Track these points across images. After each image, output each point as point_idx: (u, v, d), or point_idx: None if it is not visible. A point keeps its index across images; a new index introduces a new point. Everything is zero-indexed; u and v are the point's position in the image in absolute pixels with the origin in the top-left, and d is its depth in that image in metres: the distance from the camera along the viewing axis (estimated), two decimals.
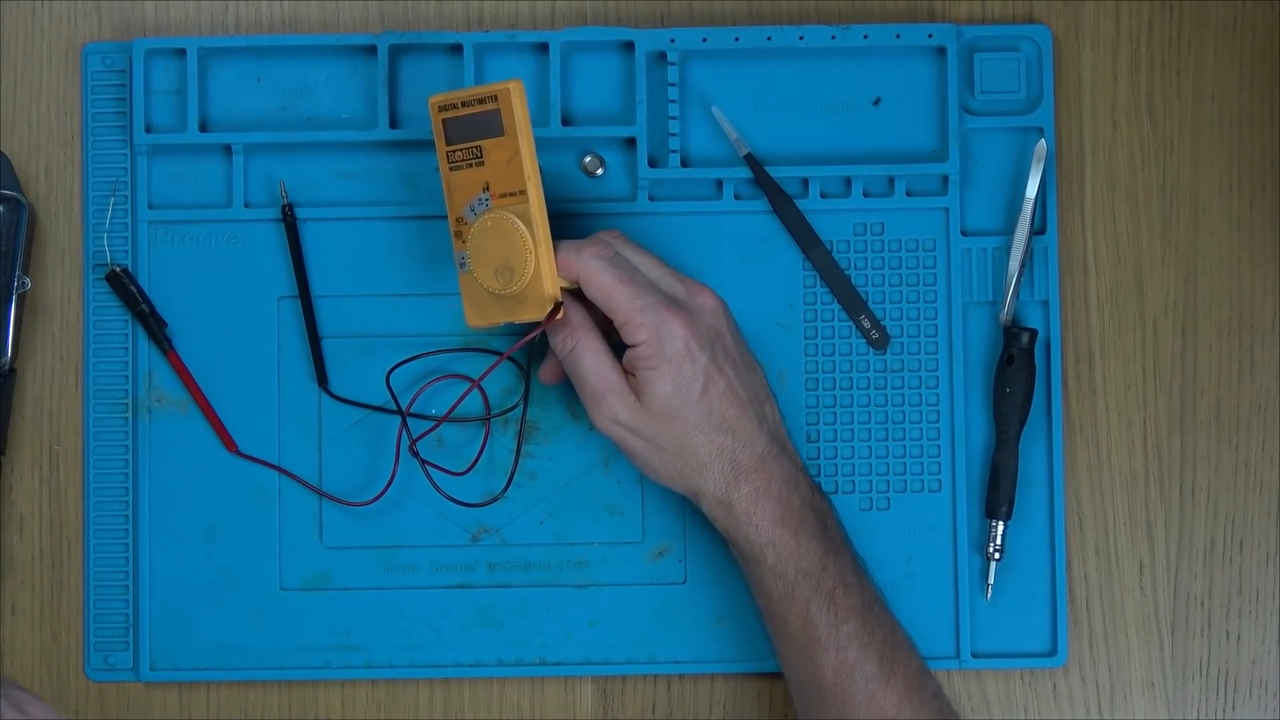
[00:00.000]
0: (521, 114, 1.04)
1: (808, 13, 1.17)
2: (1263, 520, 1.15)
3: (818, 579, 1.05)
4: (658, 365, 1.04)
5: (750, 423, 1.05)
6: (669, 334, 1.04)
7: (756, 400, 1.07)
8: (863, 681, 1.04)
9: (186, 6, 1.18)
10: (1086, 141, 1.16)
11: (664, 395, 1.04)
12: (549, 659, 1.14)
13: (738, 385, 1.06)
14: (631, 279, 1.04)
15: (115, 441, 1.15)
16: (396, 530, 1.15)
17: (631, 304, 1.03)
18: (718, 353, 1.05)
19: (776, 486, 1.05)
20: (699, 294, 1.06)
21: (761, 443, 1.05)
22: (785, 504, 1.05)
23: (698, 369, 1.04)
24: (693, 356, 1.04)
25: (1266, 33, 1.17)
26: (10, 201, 1.15)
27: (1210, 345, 1.16)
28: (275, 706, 1.15)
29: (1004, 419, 1.13)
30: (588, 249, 1.04)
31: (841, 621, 1.05)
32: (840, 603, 1.05)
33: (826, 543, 1.06)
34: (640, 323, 1.04)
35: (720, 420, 1.05)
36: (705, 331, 1.05)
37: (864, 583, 1.07)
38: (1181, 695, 1.15)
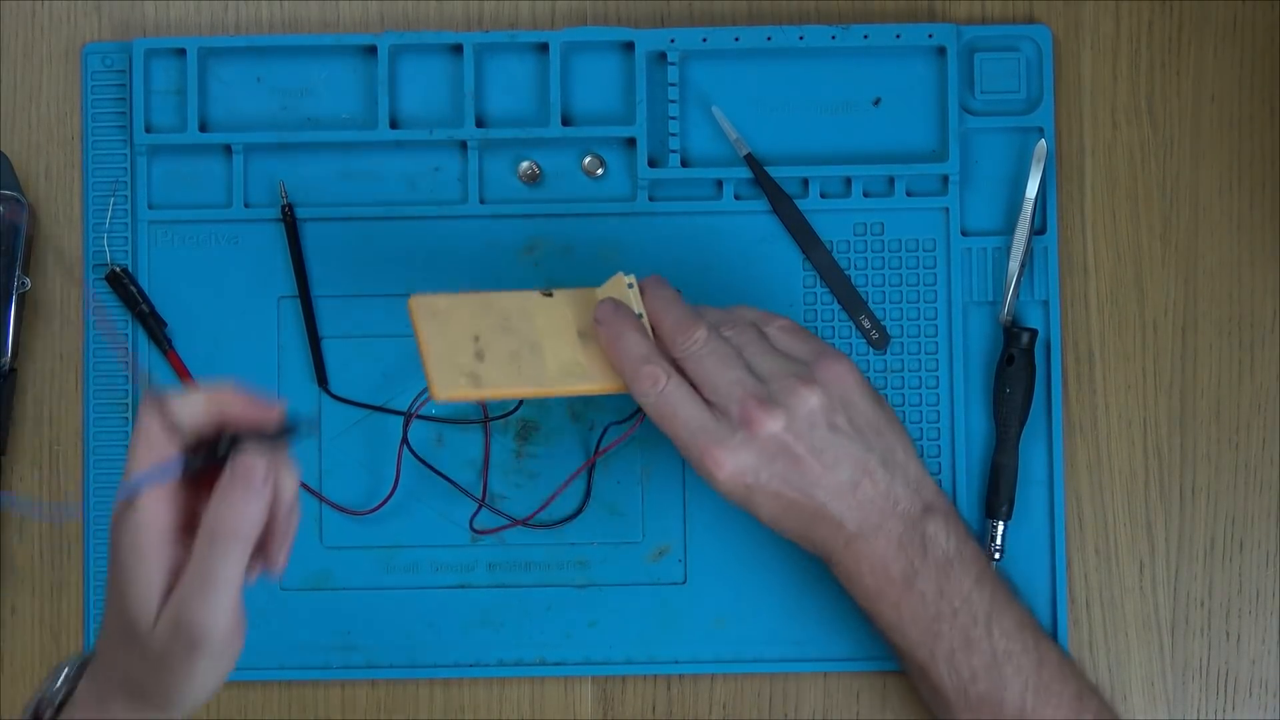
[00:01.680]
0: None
1: (808, 13, 1.17)
2: (1263, 520, 1.15)
3: (931, 646, 1.02)
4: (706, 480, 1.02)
5: (825, 522, 1.02)
6: (711, 470, 1.01)
7: (844, 489, 1.02)
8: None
9: (186, 6, 1.18)
10: (1086, 141, 1.16)
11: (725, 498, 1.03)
12: (549, 659, 1.14)
13: (804, 496, 1.01)
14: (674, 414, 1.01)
15: (115, 442, 1.15)
16: (397, 530, 1.14)
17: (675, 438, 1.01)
18: (775, 472, 1.01)
19: (869, 564, 1.02)
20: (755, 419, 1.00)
21: (848, 530, 1.02)
22: (881, 577, 1.02)
23: (750, 494, 1.02)
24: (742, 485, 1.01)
25: (1266, 33, 1.17)
26: (10, 201, 1.15)
27: (1210, 345, 1.16)
28: (275, 706, 1.15)
29: (1004, 419, 1.13)
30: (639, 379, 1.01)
31: (967, 684, 1.02)
32: (962, 664, 1.02)
33: (940, 604, 1.01)
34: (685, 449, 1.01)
35: (789, 523, 1.03)
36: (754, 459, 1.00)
37: (996, 631, 1.02)
38: (1181, 695, 1.15)
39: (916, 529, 1.02)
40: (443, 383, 1.02)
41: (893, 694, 1.15)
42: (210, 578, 0.81)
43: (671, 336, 1.02)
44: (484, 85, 1.16)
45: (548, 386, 1.05)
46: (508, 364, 1.04)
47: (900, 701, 1.15)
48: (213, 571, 0.81)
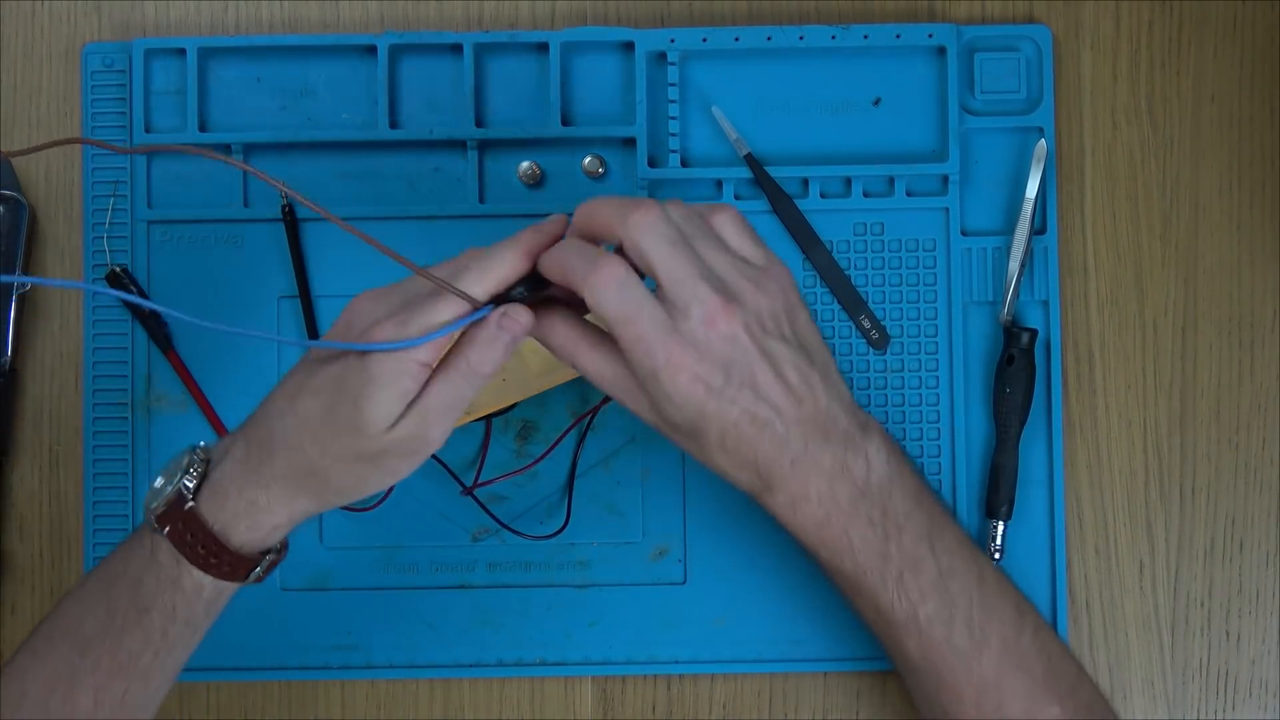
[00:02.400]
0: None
1: (807, 13, 1.18)
2: (1263, 520, 1.15)
3: (880, 570, 1.00)
4: (660, 400, 0.96)
5: (775, 437, 0.97)
6: (668, 375, 0.94)
7: (789, 403, 0.97)
8: (954, 657, 1.00)
9: (186, 6, 1.18)
10: (1086, 141, 1.17)
11: (676, 420, 0.97)
12: (549, 659, 1.15)
13: (756, 404, 0.96)
14: (633, 314, 0.94)
15: (115, 441, 1.15)
16: (397, 530, 1.15)
17: (631, 345, 0.95)
18: (733, 376, 0.95)
19: (814, 488, 0.98)
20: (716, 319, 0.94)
21: (792, 449, 0.97)
22: (827, 503, 0.99)
23: (706, 400, 0.95)
24: (698, 389, 0.95)
25: (1266, 33, 1.17)
26: (10, 201, 1.15)
27: (1210, 345, 1.16)
28: (275, 706, 1.15)
29: (1004, 419, 1.13)
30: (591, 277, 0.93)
31: (917, 605, 1.00)
32: (911, 585, 1.00)
33: (886, 525, 0.99)
34: (637, 361, 0.95)
35: (738, 440, 0.97)
36: (714, 361, 0.95)
37: (938, 546, 1.00)
38: (1181, 695, 1.15)
39: (859, 450, 0.99)
40: None
41: (893, 694, 1.15)
42: (455, 402, 0.95)
43: (621, 213, 0.95)
44: (484, 85, 1.16)
45: (533, 387, 1.10)
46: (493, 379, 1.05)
47: (900, 701, 1.15)
48: (459, 398, 0.95)
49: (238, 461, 0.97)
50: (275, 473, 0.97)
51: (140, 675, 0.99)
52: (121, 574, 0.99)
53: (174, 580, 0.98)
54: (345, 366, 0.94)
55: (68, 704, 0.98)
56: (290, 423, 0.96)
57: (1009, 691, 1.00)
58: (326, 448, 0.95)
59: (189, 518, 0.97)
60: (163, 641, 0.99)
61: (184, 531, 0.97)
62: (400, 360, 0.93)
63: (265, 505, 0.97)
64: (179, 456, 0.99)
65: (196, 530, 0.97)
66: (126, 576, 0.98)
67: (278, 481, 0.97)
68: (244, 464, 0.97)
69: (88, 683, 0.98)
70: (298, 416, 0.96)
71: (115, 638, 0.98)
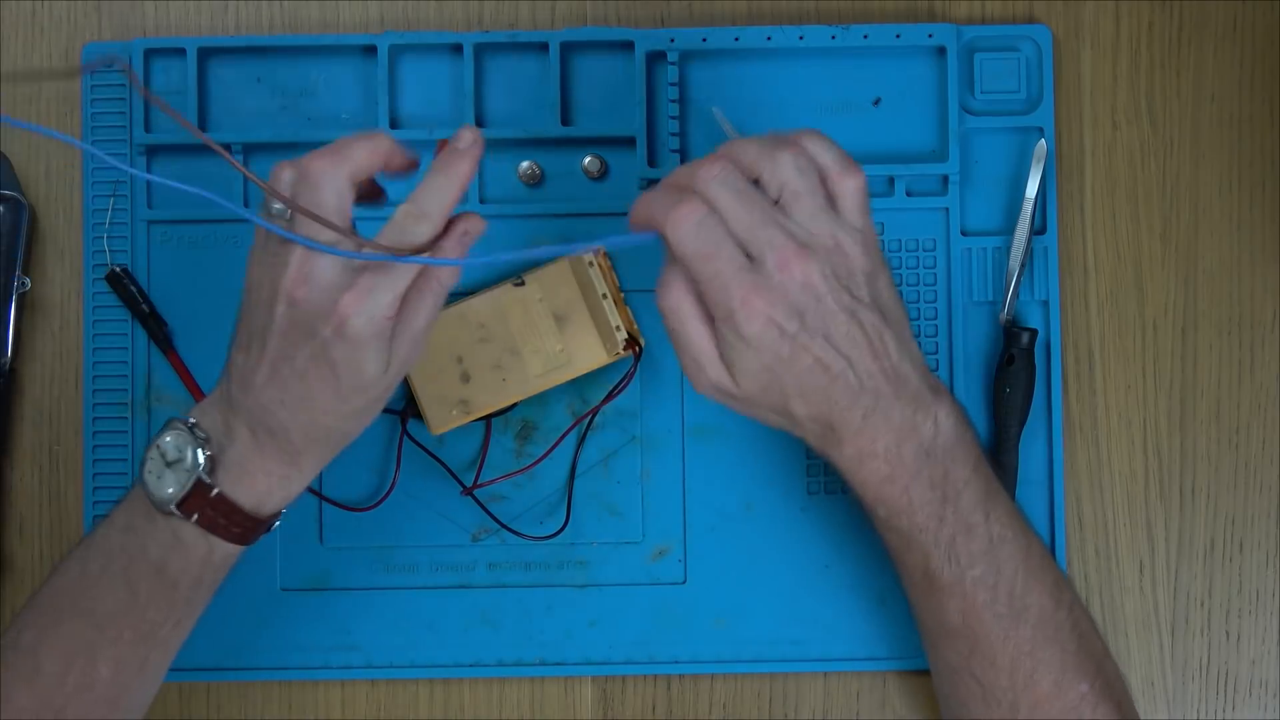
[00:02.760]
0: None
1: (807, 13, 1.18)
2: (1263, 520, 1.15)
3: (934, 531, 1.01)
4: (736, 345, 0.96)
5: (848, 388, 0.98)
6: (744, 316, 0.95)
7: (863, 355, 0.97)
8: (993, 622, 1.02)
9: (186, 7, 1.18)
10: (1086, 141, 1.17)
11: (749, 370, 0.97)
12: (549, 659, 1.14)
13: (830, 354, 0.97)
14: (712, 252, 0.95)
15: (115, 442, 1.15)
16: (396, 530, 1.15)
17: (708, 283, 0.96)
18: (808, 322, 0.96)
19: (883, 444, 0.99)
20: (790, 264, 0.95)
21: (864, 403, 0.98)
22: (893, 460, 1.00)
23: (780, 345, 0.96)
24: (772, 333, 0.96)
25: (1266, 33, 1.17)
26: (10, 201, 1.15)
27: (1210, 345, 1.16)
28: (275, 706, 1.15)
29: (1004, 419, 1.13)
30: (672, 213, 0.95)
31: (965, 569, 1.01)
32: (962, 549, 1.01)
33: (946, 488, 1.00)
34: (714, 301, 0.96)
35: (813, 389, 0.97)
36: (789, 307, 0.96)
37: (992, 514, 1.02)
38: (1181, 695, 1.15)
39: (929, 411, 1.00)
40: (438, 420, 1.12)
41: (893, 694, 1.15)
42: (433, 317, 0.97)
43: (692, 170, 0.96)
44: (484, 85, 1.16)
45: (532, 387, 1.11)
46: (492, 378, 1.11)
47: (900, 701, 1.15)
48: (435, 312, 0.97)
49: (249, 446, 0.98)
50: (297, 447, 0.98)
51: (160, 643, 1.01)
52: (139, 555, 1.00)
53: (204, 557, 1.00)
54: (324, 345, 0.94)
55: (86, 675, 0.99)
56: (292, 407, 0.97)
57: (1043, 662, 1.02)
58: (340, 411, 0.97)
59: (218, 502, 0.98)
60: (185, 609, 1.01)
61: (214, 515, 0.99)
62: (374, 320, 0.94)
63: (298, 476, 0.99)
64: (170, 434, 0.99)
65: (229, 512, 0.98)
66: (146, 558, 0.99)
67: (303, 454, 0.98)
68: (257, 446, 0.98)
69: (108, 654, 1.00)
70: (299, 399, 0.96)
71: (138, 613, 1.00)
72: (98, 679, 0.99)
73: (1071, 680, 1.03)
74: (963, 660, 1.03)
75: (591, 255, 1.10)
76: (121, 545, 1.00)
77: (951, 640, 1.03)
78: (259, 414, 0.97)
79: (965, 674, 1.04)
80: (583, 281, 1.11)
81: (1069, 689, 1.03)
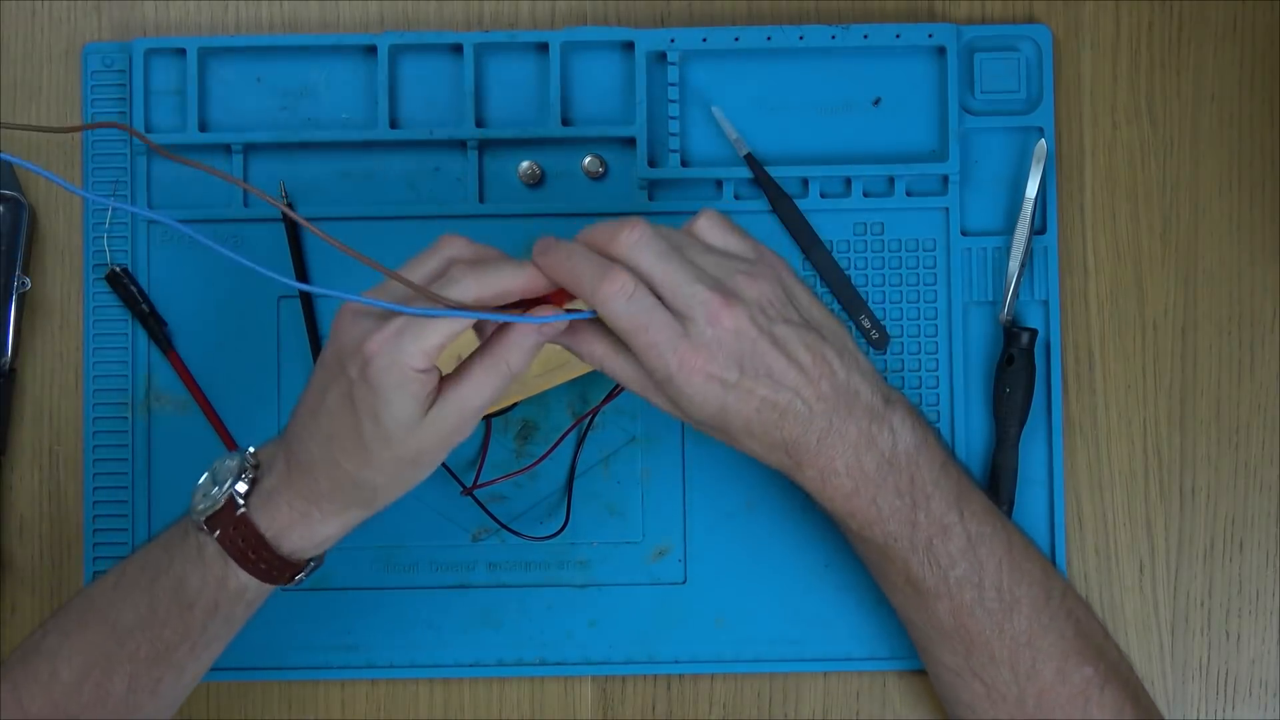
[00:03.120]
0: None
1: (807, 13, 1.18)
2: (1263, 520, 1.15)
3: (909, 538, 1.02)
4: (680, 401, 0.97)
5: (798, 417, 0.98)
6: (684, 378, 0.96)
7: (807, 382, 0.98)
8: (985, 618, 1.03)
9: (186, 7, 1.18)
10: (1086, 141, 1.17)
11: (699, 418, 0.98)
12: (549, 659, 1.14)
13: (775, 390, 0.97)
14: (645, 323, 0.95)
15: (115, 441, 1.15)
16: (397, 530, 1.14)
17: (645, 351, 0.96)
18: (747, 368, 0.96)
19: (842, 461, 1.00)
20: (719, 316, 0.95)
21: (817, 426, 0.99)
22: (855, 474, 1.00)
23: (725, 395, 0.97)
24: (714, 387, 0.96)
25: (1266, 33, 1.17)
26: (10, 201, 1.15)
27: (1210, 345, 1.16)
28: (275, 706, 1.15)
29: (1003, 419, 1.13)
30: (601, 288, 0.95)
31: (947, 570, 1.02)
32: (941, 551, 1.02)
33: (914, 494, 1.01)
34: (653, 367, 0.96)
35: (764, 426, 0.98)
36: (726, 358, 0.96)
37: (966, 512, 1.02)
38: (1181, 695, 1.15)
39: (883, 421, 1.00)
40: None
41: (893, 694, 1.15)
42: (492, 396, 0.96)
43: (610, 234, 0.96)
44: (484, 85, 1.16)
45: (531, 389, 1.10)
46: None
47: (900, 701, 1.15)
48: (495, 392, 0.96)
49: (281, 476, 0.99)
50: (320, 489, 0.98)
51: (175, 666, 1.01)
52: (165, 569, 1.00)
53: (220, 580, 0.99)
54: (350, 385, 0.94)
55: (101, 688, 1.00)
56: (320, 443, 0.97)
57: (1042, 651, 1.03)
58: (365, 461, 0.96)
59: (241, 523, 0.99)
60: (201, 636, 1.01)
61: (235, 536, 0.99)
62: (396, 366, 0.93)
63: (319, 518, 0.99)
64: (230, 459, 1.00)
65: (248, 536, 0.99)
66: (171, 572, 1.00)
67: (324, 498, 0.98)
68: (288, 479, 0.99)
69: (124, 670, 1.00)
70: (326, 437, 0.97)
71: (155, 630, 1.00)
72: (111, 693, 1.00)
73: (1074, 665, 1.03)
74: (962, 661, 1.04)
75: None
76: (155, 560, 1.01)
77: (948, 642, 1.04)
78: (295, 446, 0.98)
79: (967, 675, 1.04)
80: None
81: (1073, 674, 1.03)
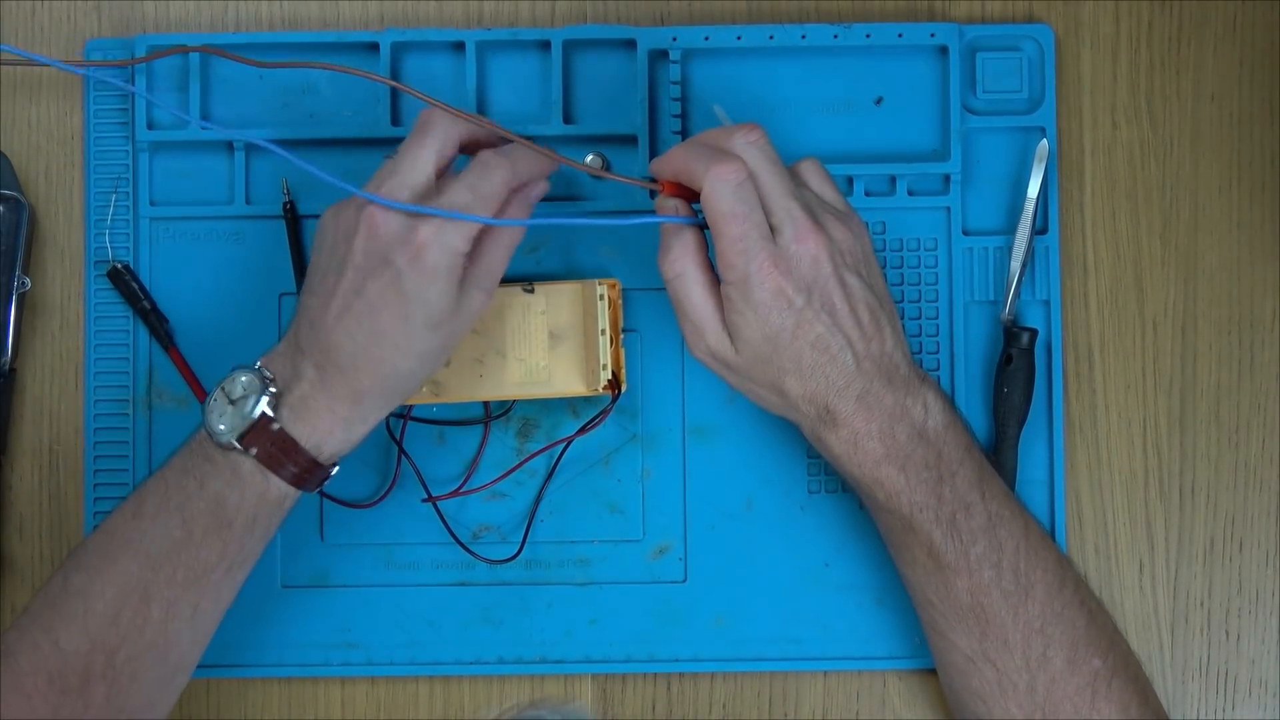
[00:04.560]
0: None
1: (809, 12, 1.18)
2: (1263, 520, 1.15)
3: (934, 509, 1.03)
4: (744, 310, 1.00)
5: (844, 369, 1.01)
6: (757, 281, 1.00)
7: (860, 337, 1.02)
8: (1001, 599, 1.03)
9: (186, 6, 1.18)
10: (1086, 141, 1.17)
11: (752, 339, 1.01)
12: (549, 657, 1.14)
13: (831, 331, 1.01)
14: (744, 214, 1.00)
15: (116, 439, 1.15)
16: (397, 528, 1.14)
17: (731, 243, 1.00)
18: (814, 299, 1.00)
19: (877, 425, 1.02)
20: (806, 238, 1.00)
21: (858, 385, 1.01)
22: (888, 441, 1.02)
23: (786, 317, 1.00)
24: (781, 304, 1.00)
25: (1266, 33, 1.17)
26: (10, 201, 1.15)
27: (1210, 345, 1.16)
28: (275, 704, 1.15)
29: (1003, 419, 1.13)
30: (715, 167, 0.99)
31: (968, 545, 1.03)
32: (963, 526, 1.03)
33: (941, 469, 1.03)
34: (731, 264, 1.00)
35: (811, 367, 1.01)
36: (799, 280, 1.00)
37: (988, 493, 1.04)
38: (1181, 695, 1.15)
39: (918, 396, 1.03)
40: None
41: (893, 694, 1.15)
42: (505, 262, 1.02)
43: (727, 133, 1.02)
44: (486, 83, 1.16)
45: (505, 393, 1.12)
46: (470, 370, 1.11)
47: (900, 701, 1.15)
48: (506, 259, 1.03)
49: (314, 383, 1.01)
50: (364, 387, 1.00)
51: (212, 588, 1.02)
52: (197, 491, 1.01)
53: (260, 494, 1.01)
54: (399, 275, 0.98)
55: (140, 615, 1.01)
56: (363, 341, 0.99)
57: (1054, 639, 1.04)
58: (407, 348, 1.00)
59: (279, 438, 1.00)
60: (238, 554, 1.02)
61: (275, 450, 1.00)
62: (449, 252, 0.98)
63: (361, 417, 1.01)
64: (241, 374, 1.02)
65: (289, 448, 1.00)
66: (204, 494, 1.01)
67: (369, 395, 1.00)
68: (323, 386, 1.01)
69: (161, 596, 1.01)
70: (370, 332, 0.99)
71: (192, 551, 1.01)
72: (150, 620, 1.01)
73: (1084, 656, 1.04)
74: (976, 645, 1.04)
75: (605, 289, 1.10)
76: (179, 485, 1.02)
77: (964, 623, 1.04)
78: (329, 351, 1.00)
79: (980, 660, 1.04)
80: (588, 309, 1.10)
81: (1082, 665, 1.04)
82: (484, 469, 1.14)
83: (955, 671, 1.06)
